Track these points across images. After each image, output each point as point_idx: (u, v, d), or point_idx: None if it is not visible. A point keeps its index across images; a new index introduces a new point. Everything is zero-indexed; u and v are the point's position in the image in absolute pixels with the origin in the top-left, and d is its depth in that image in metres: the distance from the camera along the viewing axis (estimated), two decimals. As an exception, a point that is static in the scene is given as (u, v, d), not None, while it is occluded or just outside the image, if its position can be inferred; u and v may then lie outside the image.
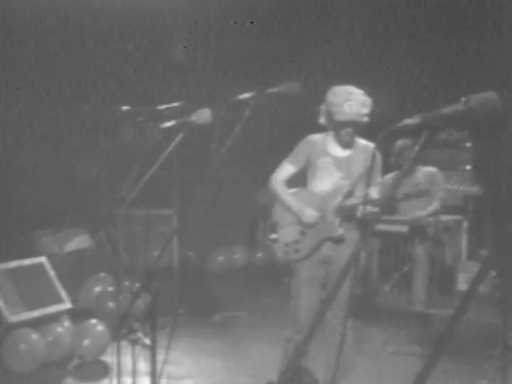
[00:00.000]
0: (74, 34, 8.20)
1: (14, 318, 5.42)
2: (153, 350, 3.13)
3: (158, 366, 3.17)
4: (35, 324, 5.48)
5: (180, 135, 3.18)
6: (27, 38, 7.98)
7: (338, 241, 4.28)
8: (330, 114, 4.27)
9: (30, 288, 5.73)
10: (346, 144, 4.35)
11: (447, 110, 2.10)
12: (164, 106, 3.58)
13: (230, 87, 3.67)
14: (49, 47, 8.16)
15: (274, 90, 3.01)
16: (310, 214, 4.30)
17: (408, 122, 2.76)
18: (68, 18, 8.01)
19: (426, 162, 7.32)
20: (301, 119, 6.26)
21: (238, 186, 9.50)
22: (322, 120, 4.36)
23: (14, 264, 5.81)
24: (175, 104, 3.57)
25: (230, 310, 7.19)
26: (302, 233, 4.37)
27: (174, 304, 6.29)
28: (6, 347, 5.27)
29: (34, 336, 5.32)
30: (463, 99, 2.05)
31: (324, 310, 2.23)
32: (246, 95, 2.97)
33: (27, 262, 5.91)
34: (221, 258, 9.40)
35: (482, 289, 7.39)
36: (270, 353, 5.26)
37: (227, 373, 5.36)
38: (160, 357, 3.20)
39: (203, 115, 3.22)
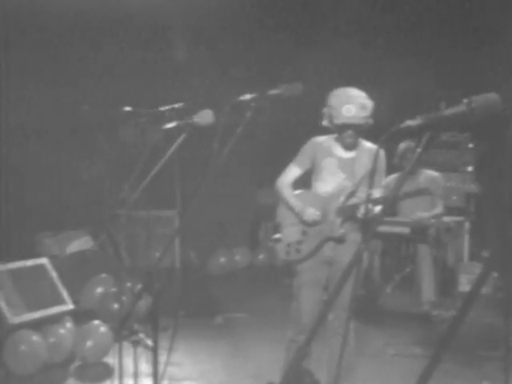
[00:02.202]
0: (74, 35, 8.20)
1: (16, 320, 5.42)
2: (154, 351, 3.13)
3: (160, 367, 3.17)
4: (37, 325, 5.48)
5: (182, 136, 3.18)
6: (28, 40, 7.99)
7: (340, 241, 4.28)
8: (330, 117, 4.29)
9: (31, 289, 5.73)
10: (349, 146, 4.36)
11: (449, 111, 2.10)
12: (166, 107, 3.58)
13: (232, 88, 3.67)
14: (50, 48, 8.17)
15: (276, 91, 3.01)
16: (311, 212, 4.31)
17: (410, 123, 2.76)
18: (69, 18, 8.01)
19: (428, 164, 7.32)
20: (302, 121, 6.26)
21: (239, 188, 9.50)
22: (325, 122, 4.38)
23: (15, 265, 5.81)
24: (177, 105, 3.56)
25: (231, 311, 7.19)
26: (304, 233, 4.38)
27: (175, 305, 6.29)
28: (8, 349, 5.27)
29: (36, 337, 5.31)
30: (465, 100, 2.05)
31: (326, 312, 2.23)
32: (247, 96, 2.97)
33: (29, 263, 5.92)
34: (222, 260, 9.40)
35: (484, 290, 7.38)
36: (271, 354, 5.26)
37: (228, 374, 5.36)
38: (162, 358, 3.20)
39: (205, 116, 3.22)
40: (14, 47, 7.82)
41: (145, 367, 4.30)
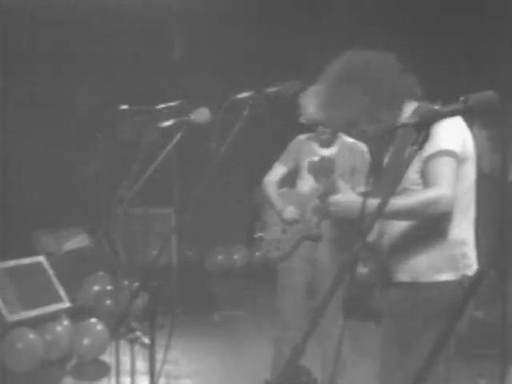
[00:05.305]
0: (72, 33, 8.19)
1: (13, 317, 5.42)
2: (151, 349, 3.13)
3: (157, 365, 3.17)
4: (34, 323, 5.48)
5: (179, 134, 3.17)
6: (26, 38, 7.97)
7: (316, 239, 4.28)
8: (302, 115, 4.32)
9: (28, 287, 5.73)
10: (324, 143, 4.39)
11: (446, 109, 2.10)
12: (162, 105, 3.57)
13: (229, 86, 3.67)
14: (47, 46, 8.15)
15: (273, 89, 3.00)
16: (289, 211, 4.33)
17: (406, 121, 2.75)
18: (67, 17, 8.00)
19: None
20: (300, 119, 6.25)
21: (237, 186, 9.49)
22: (302, 120, 4.40)
23: (12, 263, 5.80)
24: (174, 103, 3.56)
25: (228, 309, 7.19)
26: (284, 231, 4.41)
27: (172, 303, 6.29)
28: (4, 346, 5.27)
29: (32, 335, 5.31)
30: (462, 98, 2.05)
31: (316, 321, 2.20)
32: (244, 95, 2.97)
33: (26, 261, 5.91)
34: (220, 258, 9.39)
35: (481, 288, 7.37)
36: (269, 352, 5.26)
37: (225, 372, 5.37)
38: (159, 356, 3.20)
39: (202, 114, 3.21)
40: (12, 45, 7.81)
41: (142, 365, 4.31)
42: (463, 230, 2.81)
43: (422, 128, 2.07)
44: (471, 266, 2.80)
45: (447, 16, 8.01)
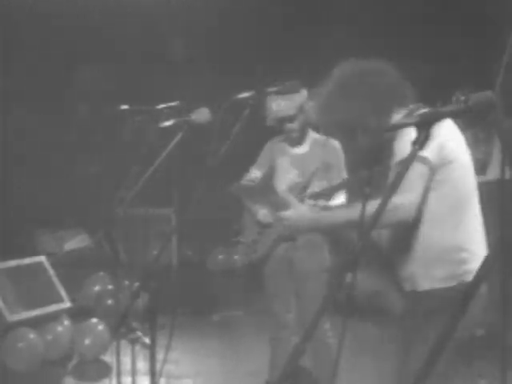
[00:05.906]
0: (72, 33, 8.20)
1: (14, 318, 5.42)
2: (152, 349, 3.13)
3: (158, 365, 3.17)
4: (35, 323, 5.48)
5: (179, 134, 3.18)
6: (26, 38, 7.98)
7: (292, 239, 4.28)
8: (268, 117, 4.34)
9: (29, 287, 5.73)
10: (294, 141, 4.40)
11: (446, 109, 2.10)
12: (162, 105, 3.58)
13: (229, 86, 3.67)
14: (48, 46, 8.16)
15: (274, 89, 3.01)
16: (263, 213, 4.34)
17: (406, 121, 2.75)
18: (67, 17, 8.01)
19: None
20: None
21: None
22: (268, 122, 4.41)
23: (13, 263, 5.80)
24: (174, 103, 3.56)
25: (229, 309, 7.19)
26: (260, 233, 4.42)
27: (172, 303, 6.30)
28: (5, 346, 5.27)
29: (33, 335, 5.32)
30: (462, 98, 2.06)
31: (316, 322, 2.19)
32: (245, 94, 2.98)
33: (27, 261, 5.91)
34: (220, 257, 9.38)
35: (481, 288, 7.37)
36: (269, 352, 5.27)
37: (226, 372, 5.37)
38: (159, 356, 3.20)
39: (202, 114, 3.22)
40: (13, 45, 7.82)
41: (142, 365, 4.31)
42: (459, 235, 2.76)
43: (423, 128, 2.07)
44: (472, 272, 2.70)
45: (447, 16, 8.00)
